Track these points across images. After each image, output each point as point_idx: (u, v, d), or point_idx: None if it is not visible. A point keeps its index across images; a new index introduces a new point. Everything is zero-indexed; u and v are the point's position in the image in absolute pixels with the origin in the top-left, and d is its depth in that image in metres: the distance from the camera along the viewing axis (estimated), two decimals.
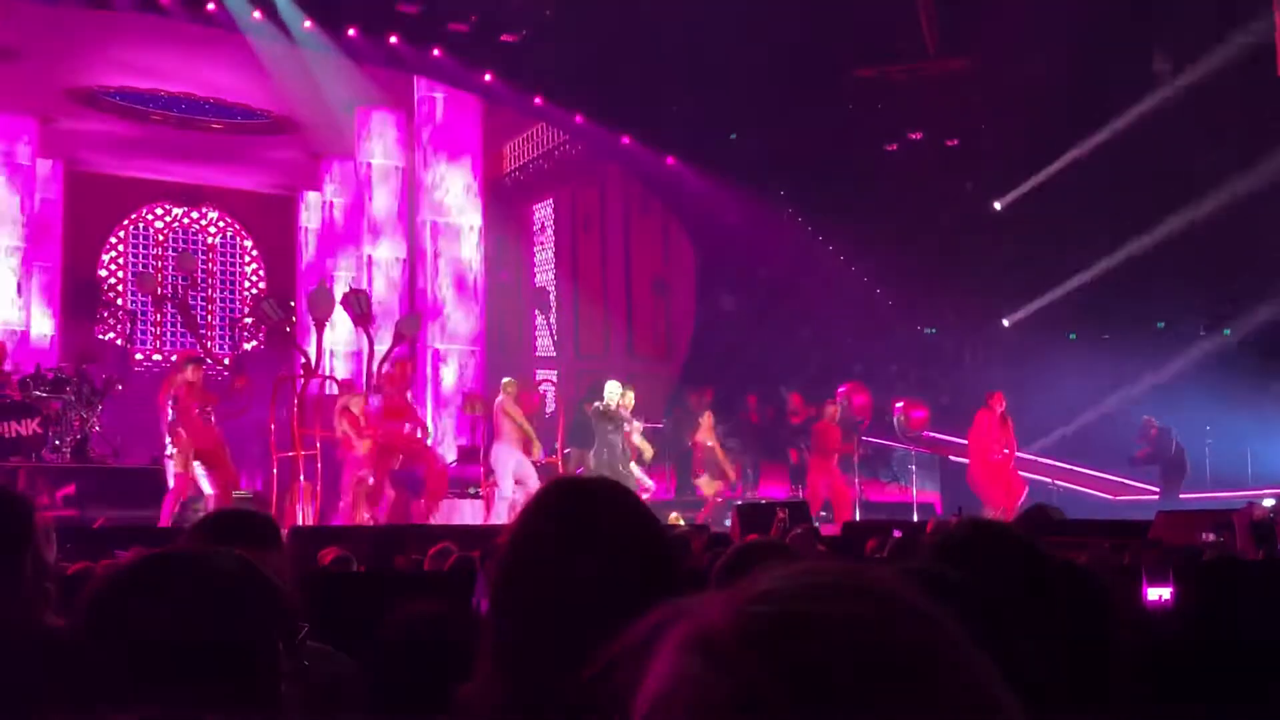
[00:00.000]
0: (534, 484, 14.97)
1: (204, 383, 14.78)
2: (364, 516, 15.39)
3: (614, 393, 16.16)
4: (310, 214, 24.67)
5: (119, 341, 22.67)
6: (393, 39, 18.63)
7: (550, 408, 21.82)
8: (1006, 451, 16.58)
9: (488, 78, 19.37)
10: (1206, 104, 17.31)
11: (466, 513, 16.52)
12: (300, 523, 15.21)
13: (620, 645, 0.88)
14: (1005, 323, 20.93)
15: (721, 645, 0.81)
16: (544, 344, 25.40)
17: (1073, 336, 21.28)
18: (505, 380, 16.52)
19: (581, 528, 1.86)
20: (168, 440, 14.37)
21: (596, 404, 16.28)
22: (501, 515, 15.18)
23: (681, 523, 14.03)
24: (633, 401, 16.41)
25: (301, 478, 16.17)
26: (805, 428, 18.25)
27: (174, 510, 14.19)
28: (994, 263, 20.59)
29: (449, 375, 19.18)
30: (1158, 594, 5.01)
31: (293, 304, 21.37)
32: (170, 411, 14.35)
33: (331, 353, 19.98)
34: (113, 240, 24.50)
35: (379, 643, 2.62)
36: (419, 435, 16.26)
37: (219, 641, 1.83)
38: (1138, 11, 17.61)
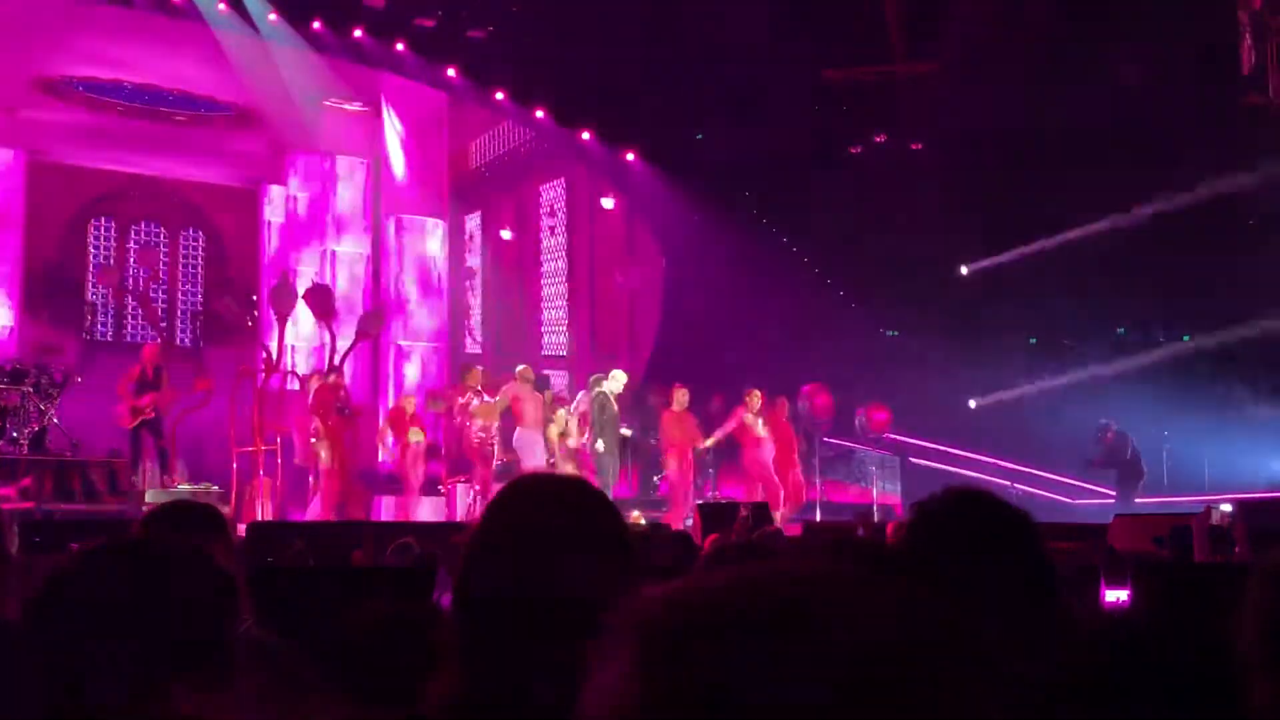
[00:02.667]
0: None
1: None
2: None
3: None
4: (274, 208, 24.51)
5: (81, 334, 22.47)
6: (357, 33, 18.56)
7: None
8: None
9: (451, 73, 19.32)
10: (1169, 104, 17.42)
11: (426, 509, 16.48)
12: (259, 517, 15.17)
13: (579, 643, 0.88)
14: (966, 327, 21.03)
15: (650, 646, 0.81)
16: (505, 340, 25.35)
17: (1033, 341, 21.40)
18: (520, 367, 16.64)
19: (542, 525, 1.86)
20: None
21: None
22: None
23: (643, 521, 14.04)
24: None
25: (261, 472, 16.13)
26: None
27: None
28: (954, 267, 20.68)
29: (412, 372, 19.12)
30: (1115, 595, 5.04)
31: (255, 298, 21.26)
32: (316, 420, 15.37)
33: (294, 348, 19.88)
34: (73, 232, 24.28)
35: (341, 639, 2.60)
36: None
37: (170, 629, 1.82)
38: (1098, 11, 17.72)
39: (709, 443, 16.81)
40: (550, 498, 1.92)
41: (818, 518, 17.41)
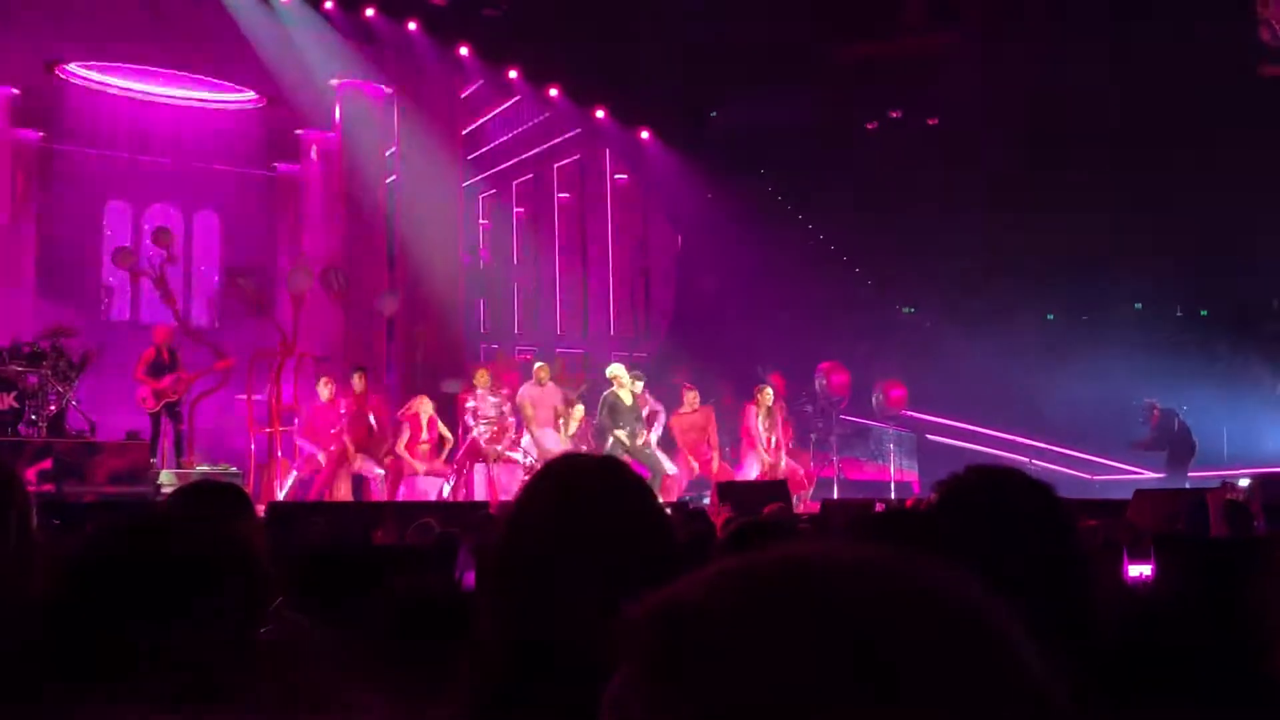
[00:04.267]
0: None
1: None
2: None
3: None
4: (287, 188, 24.51)
5: (98, 316, 22.52)
6: (369, 12, 18.57)
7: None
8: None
9: (464, 51, 19.31)
10: (1186, 84, 17.36)
11: (430, 492, 16.36)
12: (279, 498, 15.22)
13: (614, 616, 0.88)
14: (982, 304, 20.98)
15: (653, 658, 0.81)
16: (521, 324, 25.33)
17: (1050, 317, 21.36)
18: (537, 365, 16.63)
19: (580, 503, 1.88)
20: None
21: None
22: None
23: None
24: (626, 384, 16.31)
25: (279, 453, 16.18)
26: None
27: None
28: (971, 244, 20.63)
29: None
30: (1139, 570, 5.04)
31: (271, 280, 21.26)
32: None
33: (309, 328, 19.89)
34: (89, 214, 24.31)
35: (369, 616, 2.62)
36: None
37: (198, 611, 1.81)
38: None
39: (714, 465, 16.58)
40: (587, 476, 1.95)
41: (835, 495, 17.42)
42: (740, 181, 21.65)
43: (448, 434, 16.19)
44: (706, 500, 14.70)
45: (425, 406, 16.05)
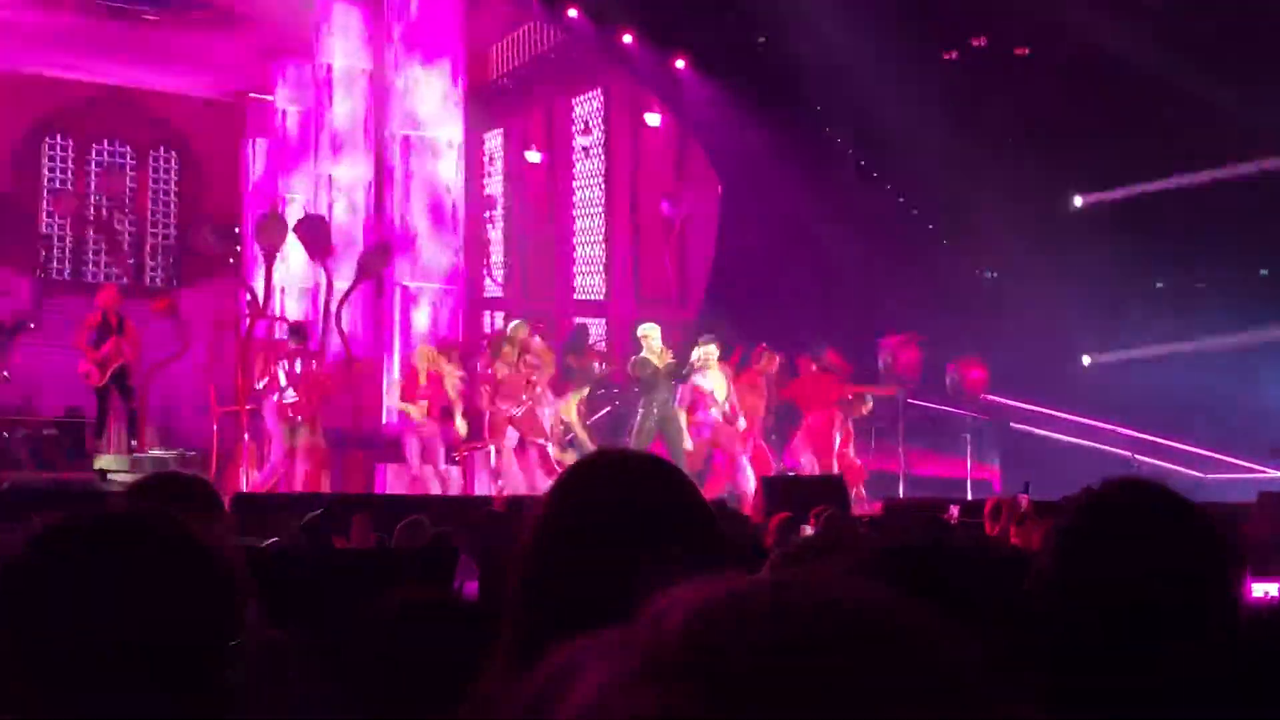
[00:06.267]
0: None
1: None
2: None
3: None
4: (260, 124, 24.59)
5: (35, 273, 22.65)
6: None
7: None
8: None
9: None
10: None
11: (432, 482, 16.47)
12: (245, 489, 15.27)
13: None
14: (1079, 268, 20.89)
15: (658, 664, 0.85)
16: (532, 282, 25.39)
17: (1159, 285, 21.24)
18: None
19: (633, 507, 1.91)
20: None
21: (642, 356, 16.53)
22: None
23: None
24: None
25: (246, 436, 16.23)
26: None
27: None
28: (1071, 195, 20.51)
29: (421, 319, 19.16)
30: (1265, 589, 5.02)
31: (238, 231, 21.35)
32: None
33: (283, 290, 19.97)
34: (25, 153, 24.42)
35: (352, 639, 2.62)
36: None
37: (155, 625, 1.81)
38: None
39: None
40: (636, 476, 1.97)
41: (900, 494, 17.41)
42: (793, 121, 21.57)
43: (455, 396, 16.34)
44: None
45: (423, 358, 16.32)
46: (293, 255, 18.73)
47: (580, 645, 0.92)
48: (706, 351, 16.43)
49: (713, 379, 16.45)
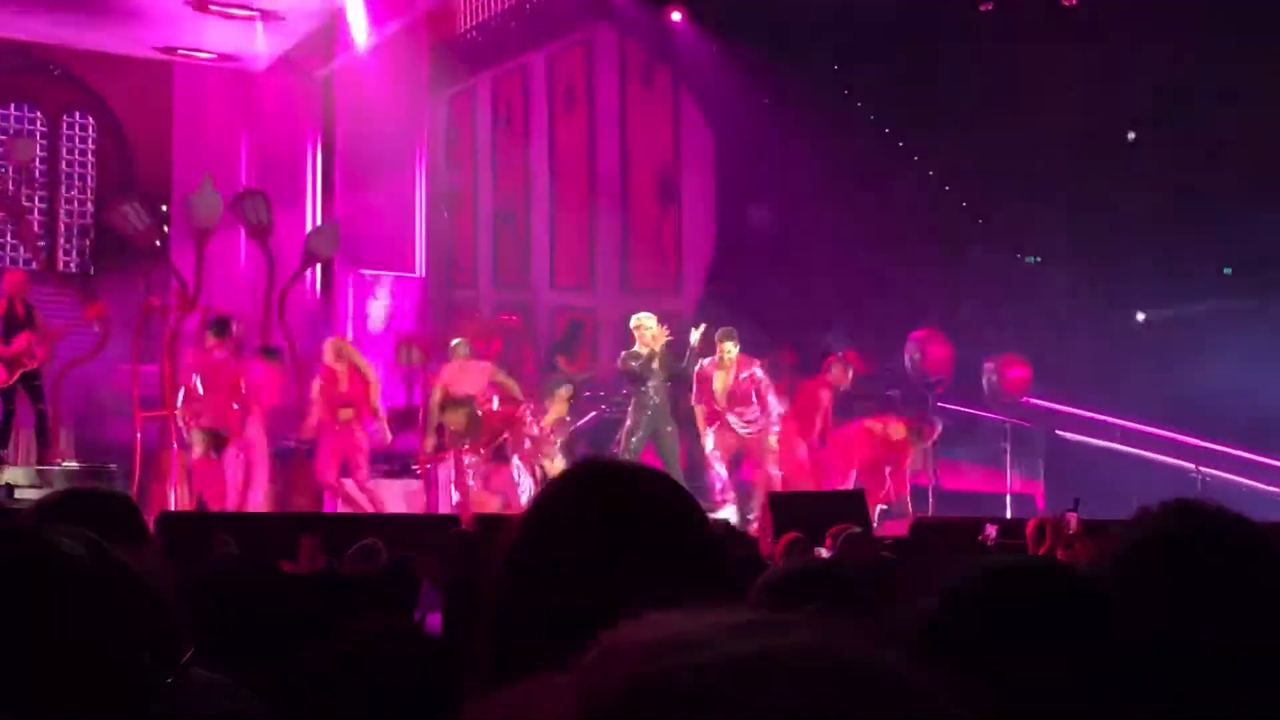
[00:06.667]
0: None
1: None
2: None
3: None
4: (192, 85, 24.54)
5: None
6: None
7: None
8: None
9: None
10: None
11: (398, 498, 16.50)
12: (173, 506, 15.25)
13: None
14: (1135, 252, 20.93)
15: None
16: (503, 269, 25.38)
17: (1228, 271, 21.26)
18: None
19: (621, 526, 1.89)
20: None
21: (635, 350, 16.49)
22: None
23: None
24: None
25: (175, 445, 16.19)
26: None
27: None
28: (1123, 168, 20.53)
29: (377, 311, 19.16)
30: None
31: (165, 208, 21.29)
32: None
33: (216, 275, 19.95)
34: None
35: (300, 677, 2.60)
36: None
37: (66, 667, 1.79)
38: None
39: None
40: (627, 490, 1.95)
41: (930, 511, 17.42)
42: (804, 81, 21.58)
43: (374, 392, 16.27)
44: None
45: (332, 352, 16.14)
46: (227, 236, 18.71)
47: (526, 690, 1.01)
48: (724, 349, 16.31)
49: (719, 378, 16.37)
